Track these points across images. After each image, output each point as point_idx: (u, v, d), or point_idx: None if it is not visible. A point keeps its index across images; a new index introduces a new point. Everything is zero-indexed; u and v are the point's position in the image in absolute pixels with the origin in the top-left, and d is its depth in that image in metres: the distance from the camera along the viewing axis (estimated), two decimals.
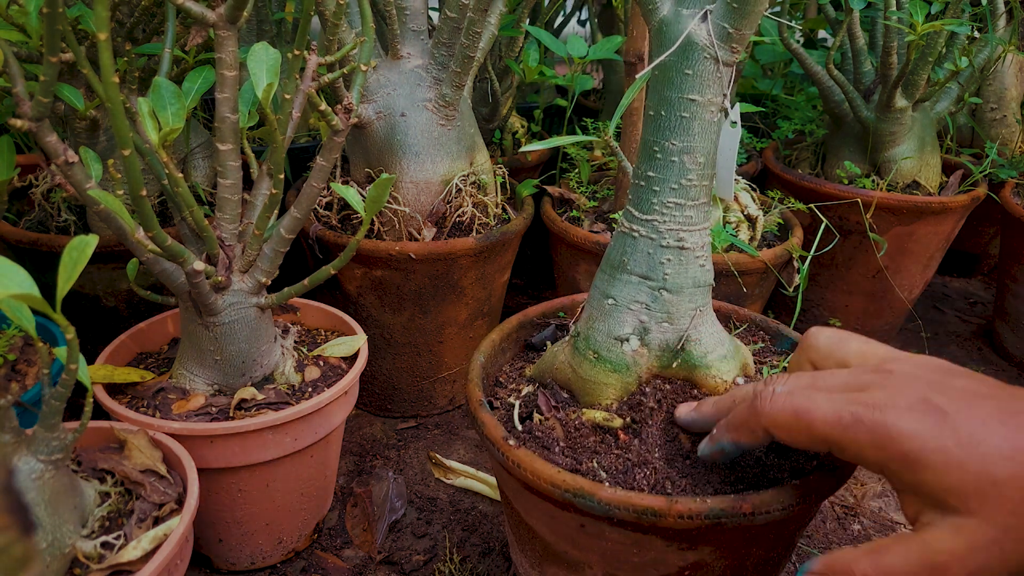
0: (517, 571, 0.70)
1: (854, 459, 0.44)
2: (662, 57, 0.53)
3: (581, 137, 0.72)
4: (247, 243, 0.71)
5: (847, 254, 1.25)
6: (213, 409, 0.73)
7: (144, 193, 0.57)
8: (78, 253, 0.46)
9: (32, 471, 0.52)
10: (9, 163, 0.81)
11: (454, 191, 0.96)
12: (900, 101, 1.17)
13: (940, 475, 0.40)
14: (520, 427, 0.61)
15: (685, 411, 0.57)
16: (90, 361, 0.73)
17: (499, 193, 1.05)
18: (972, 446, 0.40)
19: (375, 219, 0.95)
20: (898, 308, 1.32)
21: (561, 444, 0.58)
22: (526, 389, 0.65)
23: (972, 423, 0.40)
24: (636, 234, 0.58)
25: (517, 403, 0.63)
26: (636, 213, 0.58)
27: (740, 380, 0.61)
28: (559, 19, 1.63)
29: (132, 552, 0.55)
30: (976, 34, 1.28)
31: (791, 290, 1.03)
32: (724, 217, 1.03)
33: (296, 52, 0.64)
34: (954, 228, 1.25)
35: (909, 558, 0.41)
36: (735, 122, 0.93)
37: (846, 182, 1.24)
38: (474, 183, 0.99)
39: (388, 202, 0.94)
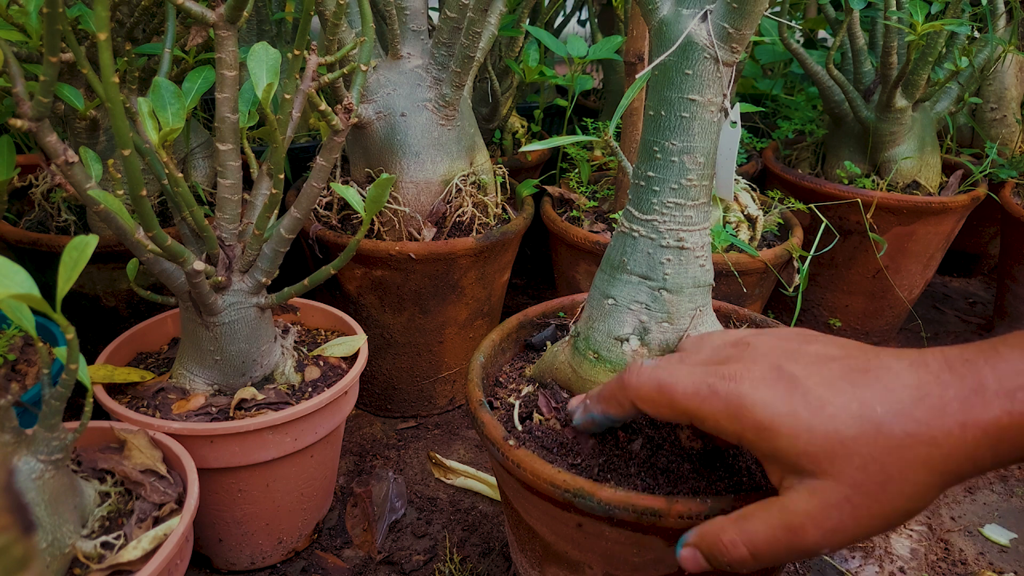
0: (517, 571, 0.70)
1: (714, 431, 0.45)
2: (662, 57, 0.53)
3: (581, 137, 0.72)
4: (247, 243, 0.71)
5: (847, 254, 1.25)
6: (213, 409, 0.73)
7: (144, 193, 0.57)
8: (78, 253, 0.46)
9: (32, 471, 0.52)
10: (9, 163, 0.81)
11: (454, 191, 0.96)
12: (900, 101, 1.17)
13: (791, 441, 0.41)
14: (520, 427, 0.61)
15: (575, 403, 0.58)
16: (90, 361, 0.73)
17: (499, 193, 1.05)
18: (820, 408, 0.41)
19: (375, 219, 0.95)
20: (898, 308, 1.32)
21: (561, 444, 0.58)
22: (526, 389, 0.65)
23: (821, 386, 0.42)
24: (636, 234, 0.58)
25: (517, 403, 0.63)
26: (636, 213, 0.58)
27: None
28: (559, 19, 1.63)
29: (132, 552, 0.55)
30: (976, 34, 1.28)
31: (791, 290, 1.03)
32: (724, 217, 1.03)
33: (296, 52, 0.64)
34: (954, 228, 1.25)
35: (770, 522, 0.42)
36: (735, 122, 0.93)
37: (846, 182, 1.24)
38: (474, 183, 0.99)
39: (388, 202, 0.94)
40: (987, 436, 0.37)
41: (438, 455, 0.98)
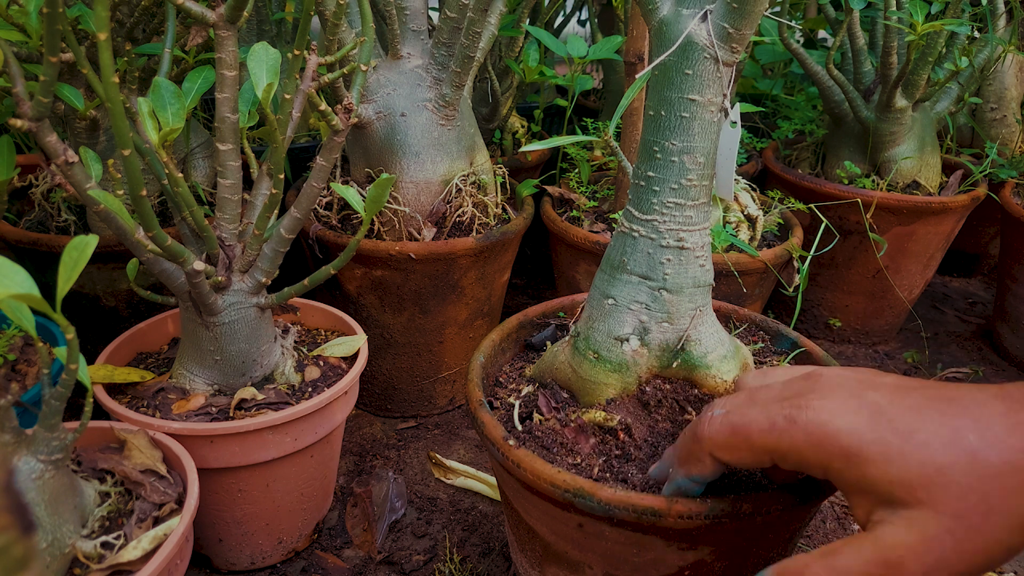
0: (517, 571, 0.70)
1: (797, 465, 0.43)
2: (662, 57, 0.53)
3: (581, 137, 0.72)
4: (247, 243, 0.71)
5: (847, 254, 1.25)
6: (213, 409, 0.73)
7: (144, 193, 0.57)
8: (78, 253, 0.46)
9: (32, 471, 0.52)
10: (9, 163, 0.81)
11: (454, 191, 0.96)
12: (900, 101, 1.17)
13: (882, 467, 0.39)
14: (520, 427, 0.61)
15: (654, 467, 0.55)
16: (90, 361, 0.73)
17: (499, 193, 1.05)
18: (910, 435, 0.39)
19: (375, 219, 0.95)
20: (898, 308, 1.32)
21: (561, 444, 0.58)
22: (526, 389, 0.65)
23: (907, 414, 0.40)
24: (636, 234, 0.58)
25: (517, 403, 0.63)
26: (636, 213, 0.58)
27: None
28: (559, 19, 1.63)
29: (132, 552, 0.55)
30: (976, 34, 1.28)
31: (791, 290, 1.03)
32: (724, 217, 1.03)
33: (296, 52, 0.64)
34: (954, 228, 1.25)
35: (863, 557, 0.40)
36: (735, 122, 0.93)
37: (846, 182, 1.24)
38: (474, 183, 0.99)
39: (388, 202, 0.94)
40: None
41: (438, 455, 0.98)
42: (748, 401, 0.46)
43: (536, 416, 0.61)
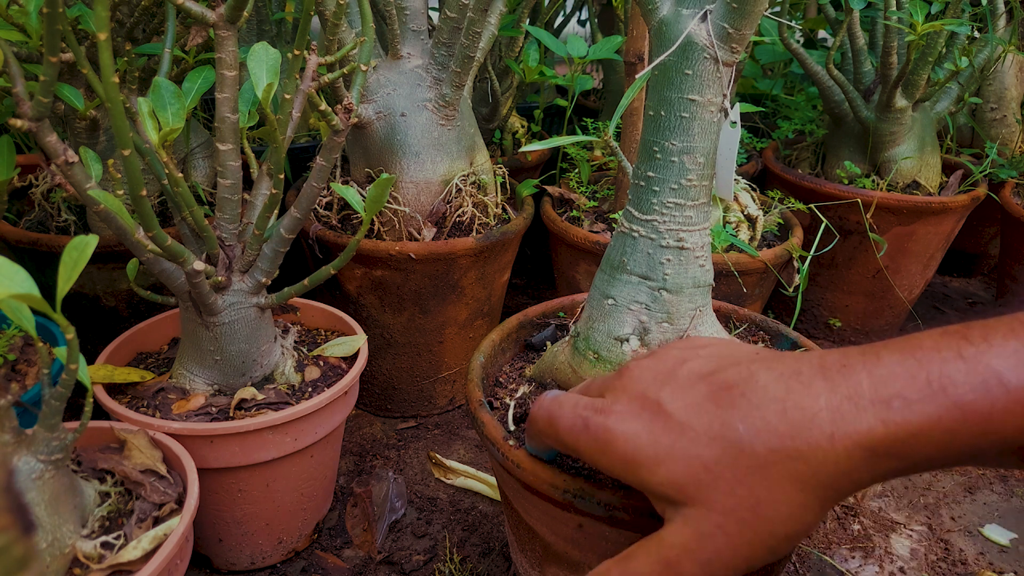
0: (517, 571, 0.70)
1: (594, 466, 0.43)
2: (662, 57, 0.53)
3: (581, 137, 0.72)
4: (247, 243, 0.71)
5: (847, 254, 1.25)
6: (213, 409, 0.73)
7: (144, 193, 0.57)
8: (78, 253, 0.46)
9: (32, 471, 0.52)
10: (9, 163, 0.81)
11: (454, 191, 0.96)
12: (900, 101, 1.17)
13: (654, 470, 0.39)
14: (515, 428, 0.61)
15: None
16: (90, 361, 0.73)
17: (499, 193, 1.05)
18: (680, 433, 0.39)
19: (375, 219, 0.95)
20: (898, 308, 1.32)
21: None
22: (522, 389, 0.65)
23: (684, 410, 0.39)
24: (636, 234, 0.58)
25: (512, 404, 0.63)
26: (636, 213, 0.58)
27: None
28: (559, 19, 1.63)
29: (132, 552, 0.55)
30: (976, 34, 1.28)
31: (791, 290, 1.03)
32: (724, 217, 1.03)
33: (296, 52, 0.64)
34: (954, 228, 1.25)
35: (650, 559, 0.40)
36: (735, 122, 0.93)
37: (846, 182, 1.24)
38: (474, 183, 0.99)
39: (388, 202, 0.94)
40: (861, 448, 0.34)
41: (438, 455, 0.98)
42: (579, 391, 0.47)
43: None
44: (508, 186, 1.11)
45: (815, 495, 0.36)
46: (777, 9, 1.59)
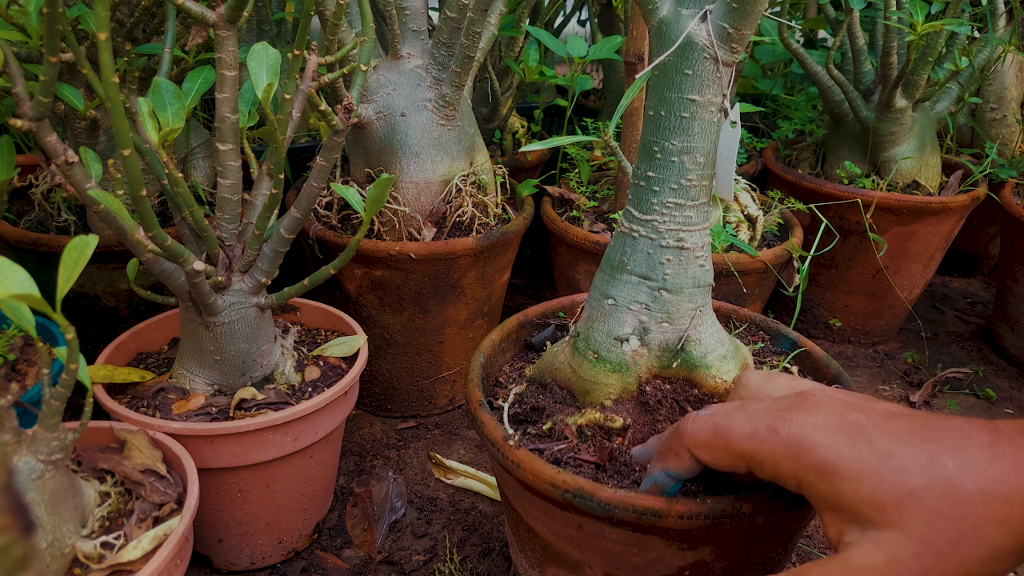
0: (517, 571, 0.70)
1: (771, 475, 0.43)
2: (662, 57, 0.53)
3: (581, 137, 0.72)
4: (247, 243, 0.71)
5: (847, 254, 1.25)
6: (213, 409, 0.73)
7: (144, 193, 0.57)
8: (78, 253, 0.46)
9: (32, 471, 0.52)
10: (9, 163, 0.81)
11: (454, 191, 0.96)
12: (900, 101, 1.17)
13: (855, 484, 0.39)
14: (511, 429, 0.60)
15: (637, 448, 0.57)
16: (90, 361, 0.73)
17: (499, 193, 1.05)
18: (887, 457, 0.39)
19: (375, 219, 0.95)
20: (898, 308, 1.32)
21: (561, 444, 0.58)
22: (517, 389, 0.65)
23: (888, 436, 0.40)
24: (636, 234, 0.58)
25: (506, 405, 0.63)
26: (636, 213, 0.58)
27: None
28: (559, 19, 1.63)
29: (132, 552, 0.55)
30: (976, 34, 1.28)
31: (791, 290, 1.03)
32: (724, 217, 1.03)
33: (296, 52, 0.64)
34: (954, 228, 1.25)
35: None
36: (735, 122, 0.93)
37: (846, 182, 1.24)
38: (474, 183, 0.99)
39: (388, 202, 0.94)
40: None
41: (438, 455, 0.98)
42: (737, 408, 0.47)
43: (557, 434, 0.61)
44: (508, 186, 1.11)
45: (1016, 542, 0.36)
46: (777, 9, 1.59)
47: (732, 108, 0.56)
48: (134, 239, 0.61)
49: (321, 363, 0.82)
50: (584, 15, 1.72)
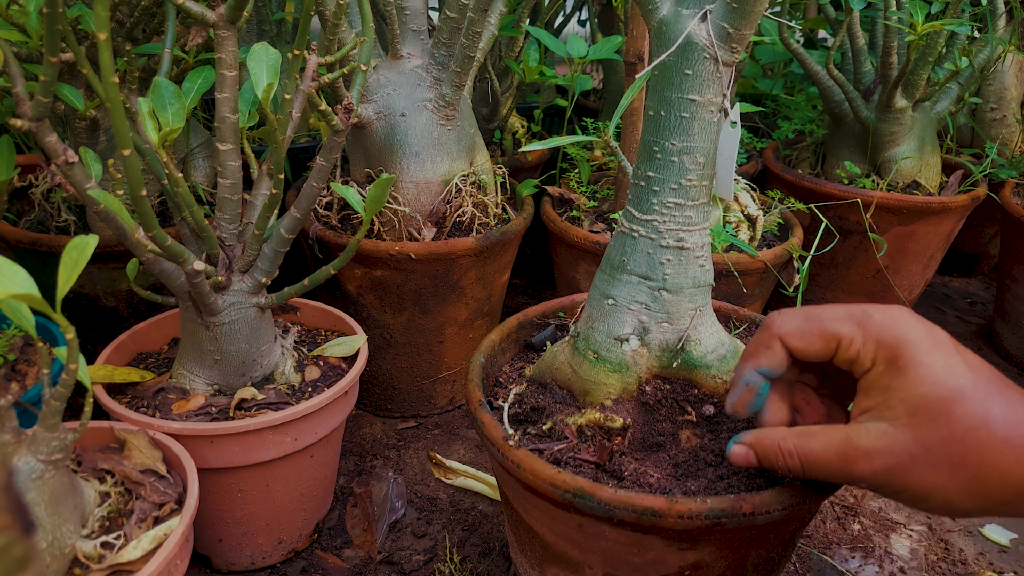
0: (517, 571, 0.70)
1: (850, 357, 0.47)
2: (662, 57, 0.53)
3: (581, 137, 0.72)
4: (247, 243, 0.71)
5: (847, 254, 1.25)
6: (213, 409, 0.73)
7: (144, 193, 0.57)
8: (78, 253, 0.46)
9: (32, 471, 0.52)
10: (9, 163, 0.81)
11: (454, 191, 0.96)
12: (900, 101, 1.17)
13: (914, 382, 0.43)
14: (511, 429, 0.60)
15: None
16: (90, 361, 0.73)
17: (499, 193, 1.05)
18: (954, 376, 0.43)
19: (375, 219, 0.95)
20: None
21: (561, 444, 0.58)
22: (517, 389, 0.65)
23: (962, 360, 0.44)
24: (636, 234, 0.58)
25: (506, 405, 0.63)
26: (636, 213, 0.58)
27: None
28: (559, 19, 1.63)
29: (132, 552, 0.55)
30: (976, 34, 1.28)
31: (791, 290, 1.03)
32: (724, 217, 1.03)
33: (296, 52, 0.64)
34: (954, 228, 1.25)
35: (829, 444, 0.45)
36: (735, 122, 0.93)
37: (846, 182, 1.24)
38: (474, 183, 0.99)
39: (388, 202, 0.94)
40: None
41: (438, 455, 0.98)
42: (822, 307, 0.51)
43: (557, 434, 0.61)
44: (508, 186, 1.11)
45: (1001, 491, 0.41)
46: (777, 9, 1.59)
47: (732, 108, 0.56)
48: (134, 239, 0.61)
49: (321, 363, 0.82)
50: (584, 15, 1.72)
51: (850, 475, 0.45)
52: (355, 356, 0.82)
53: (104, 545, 0.55)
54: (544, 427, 0.59)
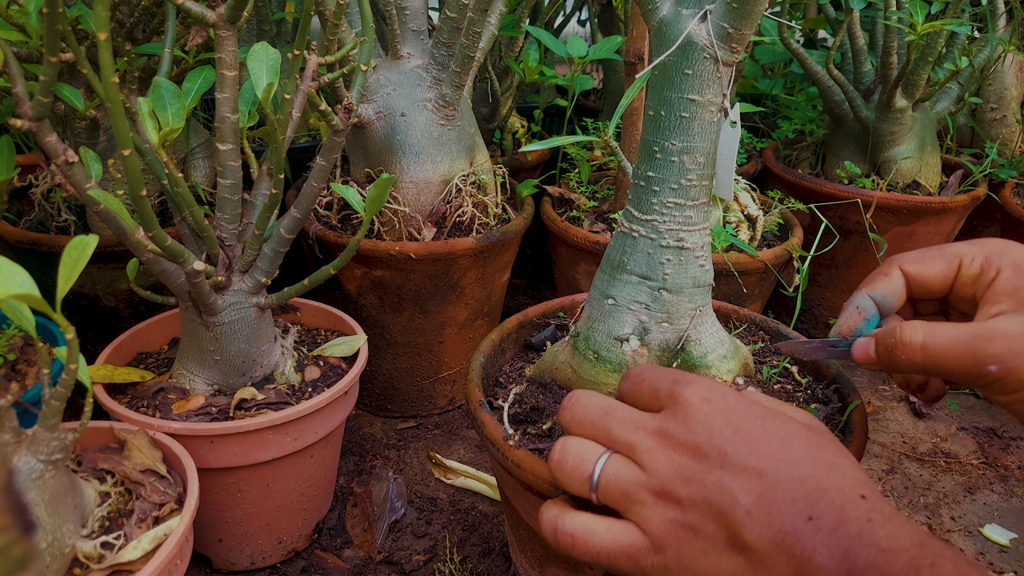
0: (517, 571, 0.70)
1: (973, 268, 0.48)
2: (662, 57, 0.53)
3: (581, 137, 0.72)
4: (247, 243, 0.71)
5: (847, 254, 1.25)
6: (213, 409, 0.73)
7: (144, 193, 0.57)
8: (78, 253, 0.46)
9: (32, 471, 0.52)
10: (9, 163, 0.81)
11: (454, 191, 0.96)
12: (900, 101, 1.17)
13: None
14: (511, 429, 0.60)
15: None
16: (90, 361, 0.73)
17: (499, 193, 1.05)
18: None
19: (375, 219, 0.95)
20: None
21: None
22: (517, 389, 0.65)
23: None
24: (636, 234, 0.58)
25: (506, 405, 0.63)
26: (636, 213, 0.58)
27: (740, 380, 0.61)
28: (559, 19, 1.63)
29: (132, 552, 0.55)
30: (976, 34, 1.28)
31: (791, 290, 1.03)
32: (724, 217, 1.03)
33: (296, 52, 0.64)
34: (954, 228, 1.25)
35: (956, 335, 0.45)
36: (735, 122, 0.93)
37: (846, 182, 1.24)
38: (474, 183, 0.99)
39: (388, 202, 0.94)
40: None
41: (438, 455, 0.98)
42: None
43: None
44: (508, 186, 1.11)
45: None
46: (777, 9, 1.59)
47: (732, 108, 0.56)
48: (134, 239, 0.61)
49: (321, 363, 0.82)
50: (584, 15, 1.72)
51: (982, 355, 0.43)
52: (355, 356, 0.82)
53: (104, 545, 0.55)
54: (544, 427, 0.59)
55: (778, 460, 0.39)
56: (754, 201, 1.06)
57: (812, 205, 1.15)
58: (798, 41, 1.34)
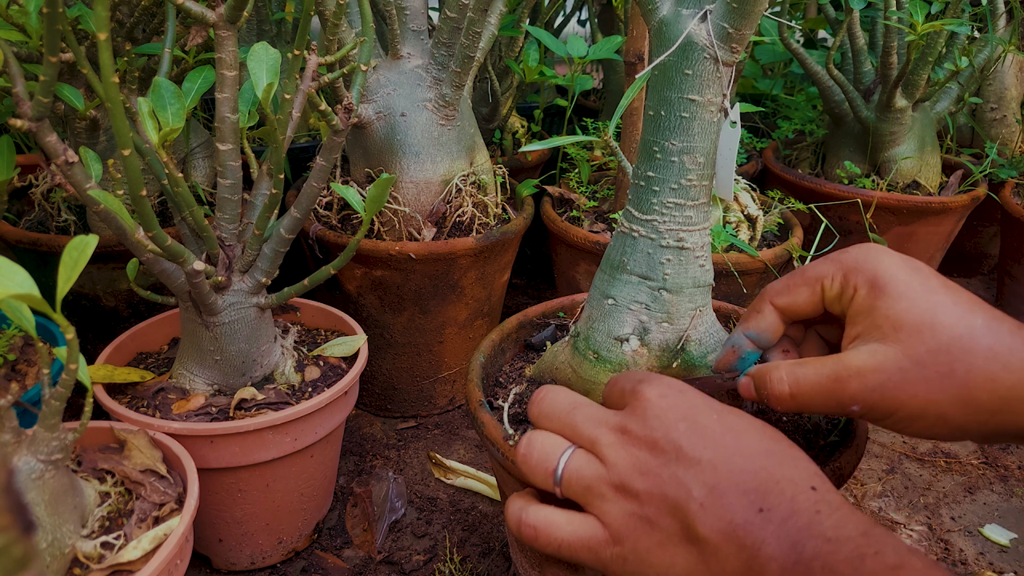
0: (517, 571, 0.70)
1: (836, 293, 0.47)
2: (662, 57, 0.53)
3: (581, 137, 0.72)
4: (247, 243, 0.71)
5: None
6: (213, 409, 0.73)
7: (144, 193, 0.57)
8: (78, 253, 0.46)
9: (32, 471, 0.52)
10: (9, 163, 0.81)
11: (454, 191, 0.96)
12: (900, 101, 1.17)
13: (892, 303, 0.44)
14: (511, 429, 0.60)
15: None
16: (90, 361, 0.73)
17: (499, 193, 1.05)
18: (931, 292, 0.43)
19: (375, 219, 0.95)
20: None
21: None
22: (517, 389, 0.65)
23: (939, 283, 0.44)
24: (636, 234, 0.58)
25: (506, 405, 0.63)
26: (636, 213, 0.58)
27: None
28: (559, 19, 1.63)
29: (132, 552, 0.55)
30: (976, 34, 1.28)
31: None
32: (724, 217, 1.03)
33: (296, 52, 0.64)
34: (954, 228, 1.25)
35: (820, 371, 0.45)
36: (735, 122, 0.93)
37: (846, 182, 1.24)
38: (474, 183, 0.99)
39: (388, 202, 0.94)
40: None
41: (438, 455, 0.98)
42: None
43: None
44: (508, 186, 1.11)
45: (993, 405, 0.41)
46: (777, 9, 1.59)
47: (732, 108, 0.56)
48: (134, 239, 0.61)
49: (321, 363, 0.82)
50: (584, 15, 1.72)
51: (842, 398, 0.44)
52: (355, 356, 0.82)
53: (104, 545, 0.55)
54: None
55: (732, 452, 0.40)
56: (754, 201, 1.06)
57: (812, 205, 1.15)
58: (798, 41, 1.34)
